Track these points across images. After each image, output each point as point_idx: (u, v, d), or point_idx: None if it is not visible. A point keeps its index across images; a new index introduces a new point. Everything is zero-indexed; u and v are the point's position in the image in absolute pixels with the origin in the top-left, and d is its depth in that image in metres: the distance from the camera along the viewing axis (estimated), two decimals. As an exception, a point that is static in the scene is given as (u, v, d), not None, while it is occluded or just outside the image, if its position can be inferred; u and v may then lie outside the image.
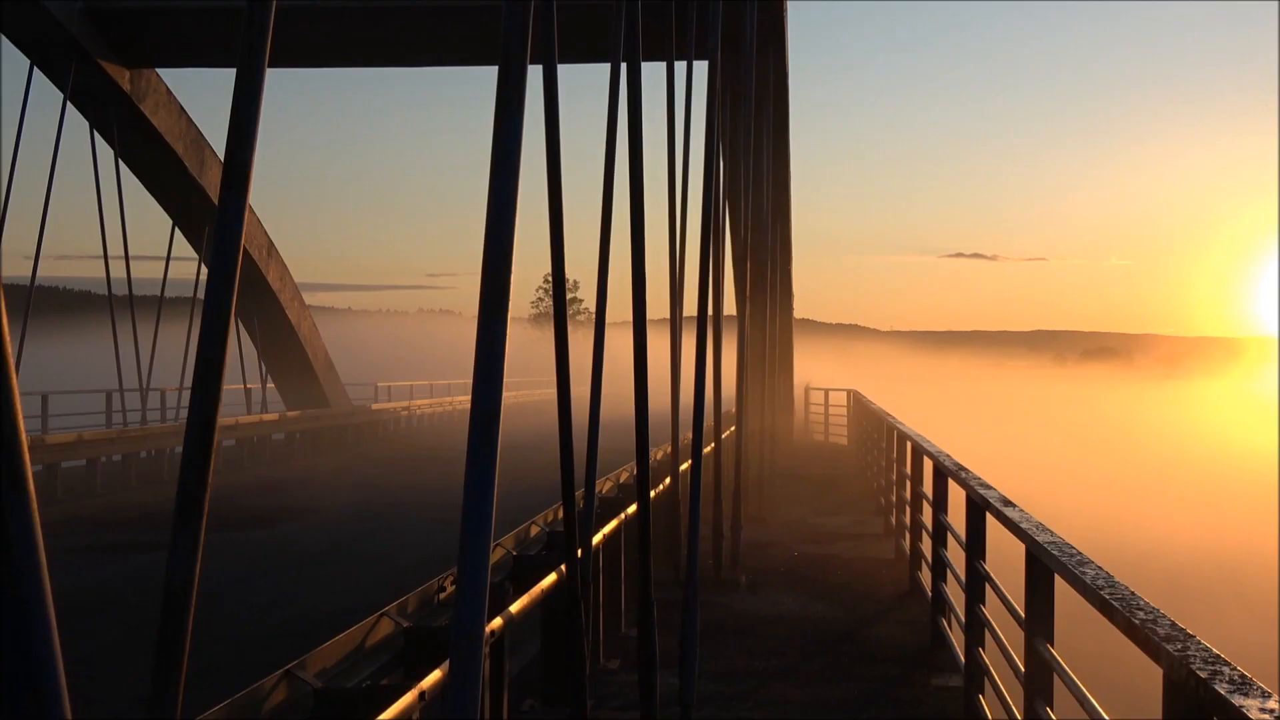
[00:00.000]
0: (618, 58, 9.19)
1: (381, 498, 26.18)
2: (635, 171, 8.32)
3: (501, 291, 4.51)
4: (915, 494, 15.02)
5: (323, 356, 39.71)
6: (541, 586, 8.77)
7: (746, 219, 21.37)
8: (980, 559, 8.96)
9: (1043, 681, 6.48)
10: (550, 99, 6.71)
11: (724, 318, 15.75)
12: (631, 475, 14.52)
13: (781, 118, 31.13)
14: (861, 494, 24.56)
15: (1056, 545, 6.32)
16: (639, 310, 8.28)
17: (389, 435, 44.53)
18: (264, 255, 34.49)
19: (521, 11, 4.73)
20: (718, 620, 12.76)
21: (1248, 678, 3.65)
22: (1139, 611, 4.62)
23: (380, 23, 26.49)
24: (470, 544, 4.24)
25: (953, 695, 9.96)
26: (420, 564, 14.15)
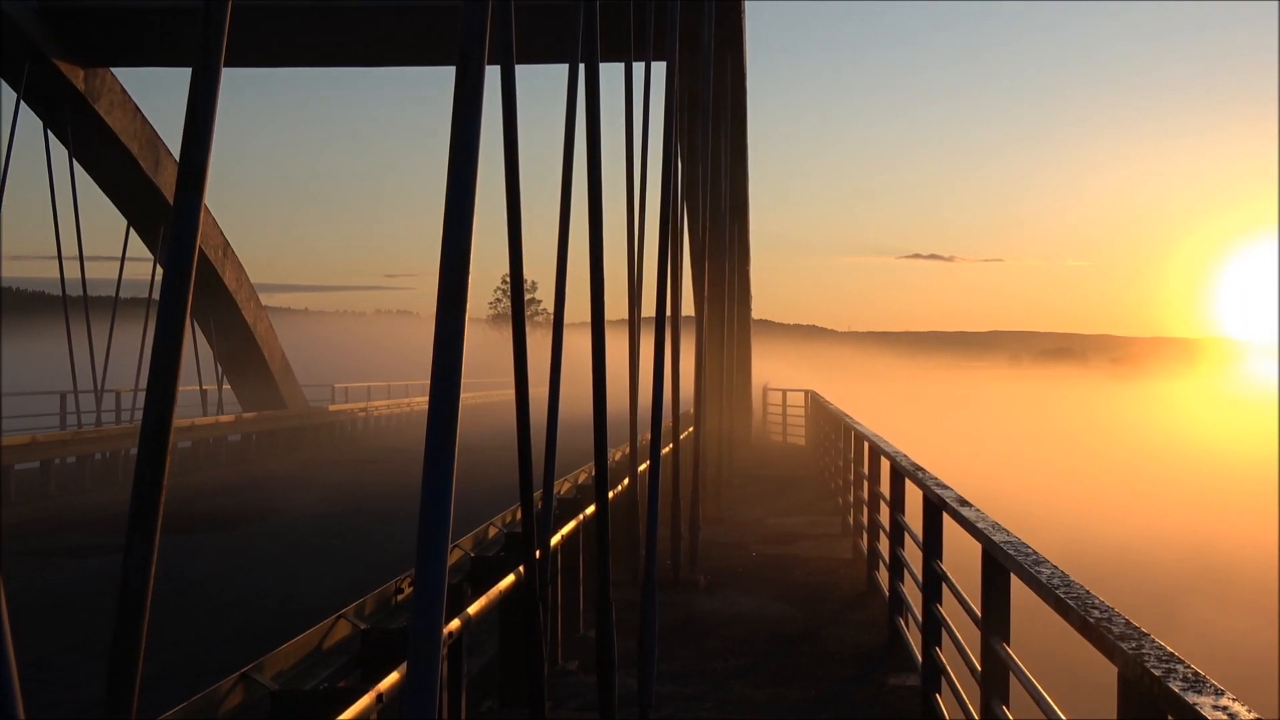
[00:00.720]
0: (576, 58, 9.18)
1: (340, 499, 26.07)
2: (593, 172, 8.32)
3: (459, 292, 4.51)
4: (873, 494, 15.08)
5: (279, 358, 39.50)
6: (500, 588, 8.76)
7: (705, 219, 21.39)
8: (937, 558, 9.00)
9: (999, 680, 6.51)
10: (508, 99, 6.70)
11: (682, 318, 15.77)
12: (590, 476, 14.52)
13: (739, 119, 31.16)
14: (819, 494, 24.63)
15: (1012, 545, 6.35)
16: (597, 311, 8.28)
17: (346, 437, 44.35)
18: (220, 256, 34.28)
19: (479, 12, 4.72)
20: (676, 621, 12.77)
21: (1201, 675, 3.68)
22: (1094, 610, 4.65)
23: (336, 23, 26.38)
24: (428, 545, 4.23)
25: (910, 694, 10.00)
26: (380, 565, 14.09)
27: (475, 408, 56.70)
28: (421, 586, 4.26)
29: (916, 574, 9.84)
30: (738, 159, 32.10)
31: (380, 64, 31.92)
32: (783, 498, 24.38)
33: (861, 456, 17.05)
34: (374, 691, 6.03)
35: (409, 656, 4.20)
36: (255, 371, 38.33)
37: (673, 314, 13.93)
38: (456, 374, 4.43)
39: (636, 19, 13.66)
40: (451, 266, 4.52)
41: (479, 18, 4.74)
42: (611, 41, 10.21)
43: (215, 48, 4.05)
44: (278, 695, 5.83)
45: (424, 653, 4.19)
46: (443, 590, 4.27)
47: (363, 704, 5.86)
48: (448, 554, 4.35)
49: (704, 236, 21.36)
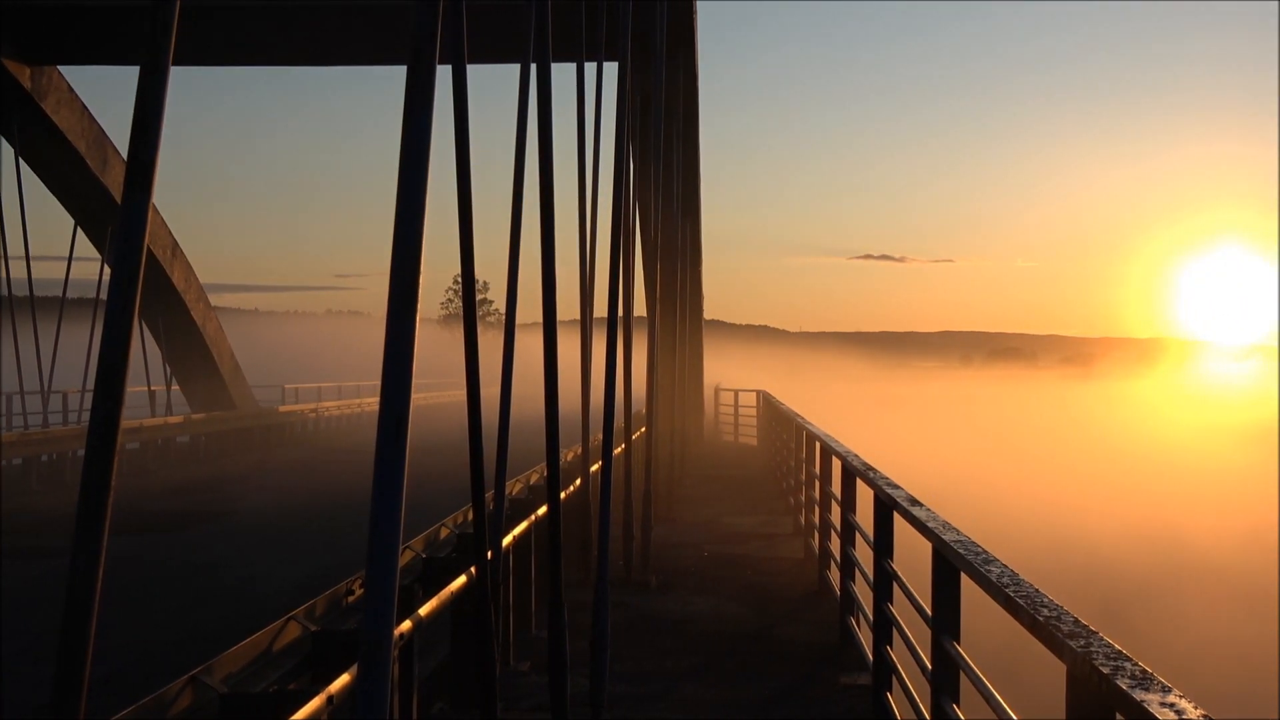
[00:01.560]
0: (527, 59, 9.17)
1: (290, 500, 25.94)
2: (545, 172, 8.31)
3: (410, 292, 4.49)
4: (824, 494, 15.12)
5: (229, 358, 39.26)
6: (451, 589, 8.73)
7: (657, 220, 21.40)
8: (888, 558, 9.03)
9: (949, 678, 6.54)
10: (460, 99, 6.68)
11: (634, 319, 15.76)
12: (542, 477, 14.51)
13: (691, 119, 31.20)
14: (771, 494, 24.69)
15: (962, 544, 6.38)
16: (549, 311, 8.27)
17: (297, 438, 44.14)
18: (168, 255, 34.03)
19: (430, 11, 4.71)
20: (629, 621, 12.77)
21: (1149, 673, 3.71)
22: (1043, 609, 4.68)
23: (286, 21, 26.23)
24: (379, 547, 4.22)
25: (861, 693, 10.04)
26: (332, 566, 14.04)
27: (427, 408, 56.58)
28: (372, 588, 4.25)
29: (867, 573, 9.87)
30: (690, 160, 32.13)
31: (331, 63, 31.79)
32: (735, 497, 24.43)
33: (813, 456, 17.11)
34: (324, 693, 6.00)
35: (360, 658, 4.18)
36: (204, 372, 38.09)
37: (625, 314, 13.92)
38: (407, 374, 4.42)
39: (588, 19, 13.64)
40: (402, 267, 4.51)
41: (430, 17, 4.73)
42: (563, 42, 10.20)
43: (163, 46, 4.02)
44: (227, 698, 5.80)
45: (375, 654, 4.17)
46: (394, 592, 4.26)
47: (313, 706, 5.83)
48: (399, 555, 4.34)
49: (656, 237, 21.38)
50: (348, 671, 6.30)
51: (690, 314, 33.28)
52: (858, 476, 11.22)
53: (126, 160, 4.00)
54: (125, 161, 4.03)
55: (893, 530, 9.05)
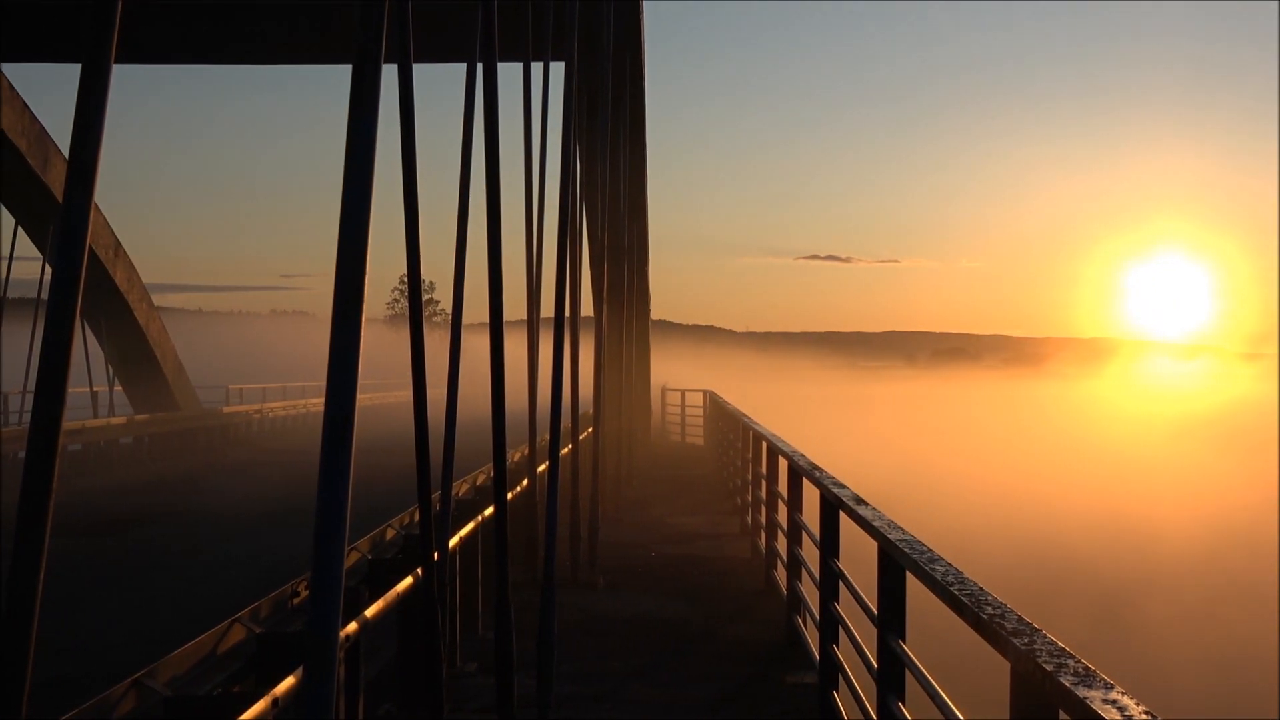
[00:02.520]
0: (474, 58, 9.15)
1: (234, 501, 25.75)
2: (492, 172, 8.30)
3: (356, 292, 4.47)
4: (771, 493, 15.17)
5: (172, 359, 38.94)
6: (397, 590, 8.70)
7: (603, 220, 21.41)
8: (834, 557, 9.06)
9: (895, 677, 6.57)
10: (405, 98, 6.66)
11: (581, 319, 15.77)
12: (488, 477, 14.47)
13: (638, 120, 31.22)
14: (718, 494, 24.74)
15: (908, 543, 6.41)
16: (495, 312, 8.26)
17: (241, 438, 43.83)
18: (111, 255, 33.72)
19: (376, 10, 4.69)
20: (576, 622, 12.76)
21: (1092, 670, 3.75)
22: (987, 607, 4.71)
23: (231, 19, 26.05)
24: (324, 548, 4.20)
25: (807, 692, 10.08)
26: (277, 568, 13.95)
27: (372, 409, 56.28)
28: (317, 589, 4.23)
29: (814, 572, 9.91)
30: (636, 160, 32.15)
31: (275, 62, 31.60)
32: (682, 498, 24.46)
33: (760, 456, 17.15)
34: (269, 696, 5.96)
35: (305, 660, 4.16)
36: (148, 373, 37.75)
37: (572, 315, 13.92)
38: (353, 375, 4.40)
39: (535, 19, 13.63)
40: (348, 267, 4.49)
41: (375, 16, 4.71)
42: (510, 41, 10.20)
43: (105, 44, 3.98)
44: (171, 701, 5.75)
45: (320, 656, 4.15)
46: (339, 593, 4.24)
47: (258, 709, 5.79)
48: (344, 556, 4.32)
49: (603, 237, 21.38)
50: (293, 674, 6.26)
51: (637, 314, 33.30)
52: (804, 476, 11.26)
53: (68, 159, 3.96)
54: (67, 160, 3.99)
55: (839, 529, 9.08)
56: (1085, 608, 27.77)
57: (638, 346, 33.53)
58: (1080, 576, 32.10)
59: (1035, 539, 36.74)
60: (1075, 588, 30.32)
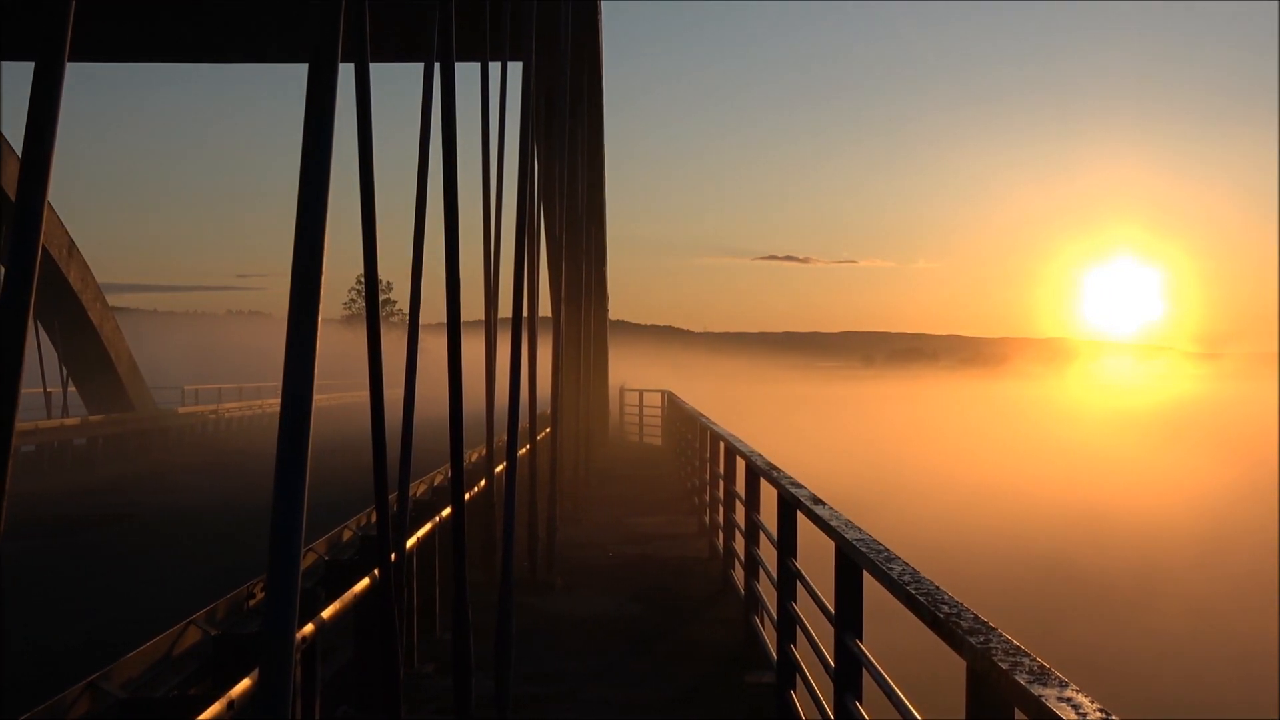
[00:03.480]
0: (431, 58, 9.13)
1: (189, 502, 25.60)
2: (449, 172, 8.28)
3: (312, 292, 4.46)
4: (728, 493, 15.20)
5: (127, 359, 38.64)
6: (354, 591, 8.67)
7: (562, 220, 21.38)
8: (791, 556, 9.09)
9: (852, 676, 6.60)
10: (362, 98, 6.64)
11: (539, 319, 15.74)
12: (446, 478, 14.43)
13: (596, 120, 31.22)
14: (676, 494, 24.76)
15: (865, 542, 6.44)
16: (453, 312, 8.24)
17: (197, 440, 43.57)
18: (65, 255, 33.43)
19: (333, 9, 4.68)
20: (534, 622, 12.75)
21: (1047, 668, 3.77)
22: (943, 606, 4.73)
23: (188, 17, 25.87)
24: (280, 549, 4.18)
25: (765, 692, 10.10)
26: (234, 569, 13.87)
27: (329, 409, 56.08)
28: (274, 591, 4.21)
29: (771, 572, 9.93)
30: (594, 160, 32.14)
31: (231, 60, 31.40)
32: (640, 498, 24.47)
33: (717, 456, 17.18)
34: (225, 698, 5.93)
35: (261, 662, 4.14)
36: (102, 373, 37.44)
37: (529, 315, 13.90)
38: (309, 376, 4.38)
39: (492, 19, 13.60)
40: (305, 267, 4.47)
41: (332, 15, 4.70)
42: (467, 41, 10.16)
43: (60, 41, 3.95)
44: (126, 703, 5.72)
45: (276, 658, 4.14)
46: (295, 594, 4.22)
47: (214, 710, 5.76)
48: (300, 558, 4.30)
49: (561, 237, 21.35)
50: (249, 675, 6.23)
51: (595, 314, 33.29)
52: (761, 476, 11.29)
53: (21, 157, 3.93)
54: (20, 159, 3.96)
55: (796, 529, 9.11)
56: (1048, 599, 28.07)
57: (596, 347, 33.54)
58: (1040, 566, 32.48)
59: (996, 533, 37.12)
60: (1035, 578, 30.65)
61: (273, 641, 4.17)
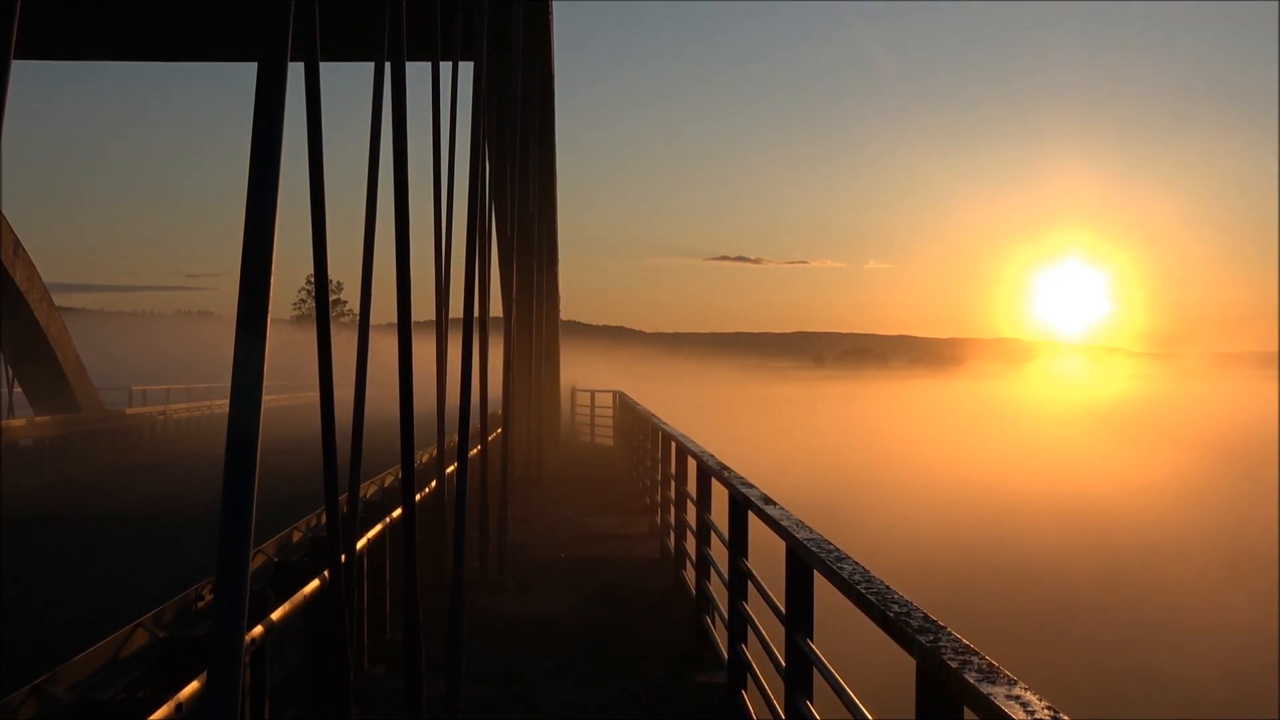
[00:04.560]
0: (382, 57, 9.09)
1: (137, 504, 25.39)
2: (400, 172, 8.25)
3: (262, 292, 4.43)
4: (680, 493, 15.21)
5: (74, 360, 38.29)
6: (304, 593, 8.62)
7: (513, 220, 21.34)
8: (743, 556, 9.10)
9: (803, 675, 6.62)
10: (312, 97, 6.61)
11: (490, 319, 15.71)
12: (396, 479, 14.38)
13: (547, 120, 31.18)
14: (628, 494, 24.76)
15: (815, 542, 6.45)
16: (403, 312, 8.21)
17: (145, 441, 43.23)
18: (10, 254, 33.10)
19: (282, 8, 4.65)
20: (485, 623, 12.73)
21: (996, 666, 3.80)
22: (894, 605, 4.75)
23: (136, 15, 25.68)
24: (229, 551, 4.16)
25: (717, 692, 10.11)
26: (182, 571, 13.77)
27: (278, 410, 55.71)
28: (222, 593, 4.18)
29: (723, 572, 9.95)
30: (546, 160, 32.11)
31: (180, 59, 31.18)
32: (591, 498, 24.45)
33: (669, 456, 17.19)
34: (173, 701, 5.89)
35: (209, 664, 4.12)
36: (48, 374, 37.08)
37: (480, 315, 13.87)
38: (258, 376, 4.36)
39: (444, 18, 13.56)
40: (254, 266, 4.45)
41: (282, 14, 4.67)
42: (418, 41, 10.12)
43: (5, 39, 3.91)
44: (73, 706, 5.67)
45: (225, 660, 4.11)
46: (244, 596, 4.20)
47: (161, 713, 5.72)
48: (249, 560, 4.28)
49: (512, 237, 21.31)
50: (198, 678, 6.19)
51: (547, 315, 33.25)
52: (713, 476, 11.30)
53: (-35, 156, 3.88)
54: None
55: (747, 529, 9.12)
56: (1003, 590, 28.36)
57: (547, 347, 33.50)
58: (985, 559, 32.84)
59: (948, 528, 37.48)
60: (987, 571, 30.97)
61: (221, 644, 4.15)
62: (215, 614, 4.16)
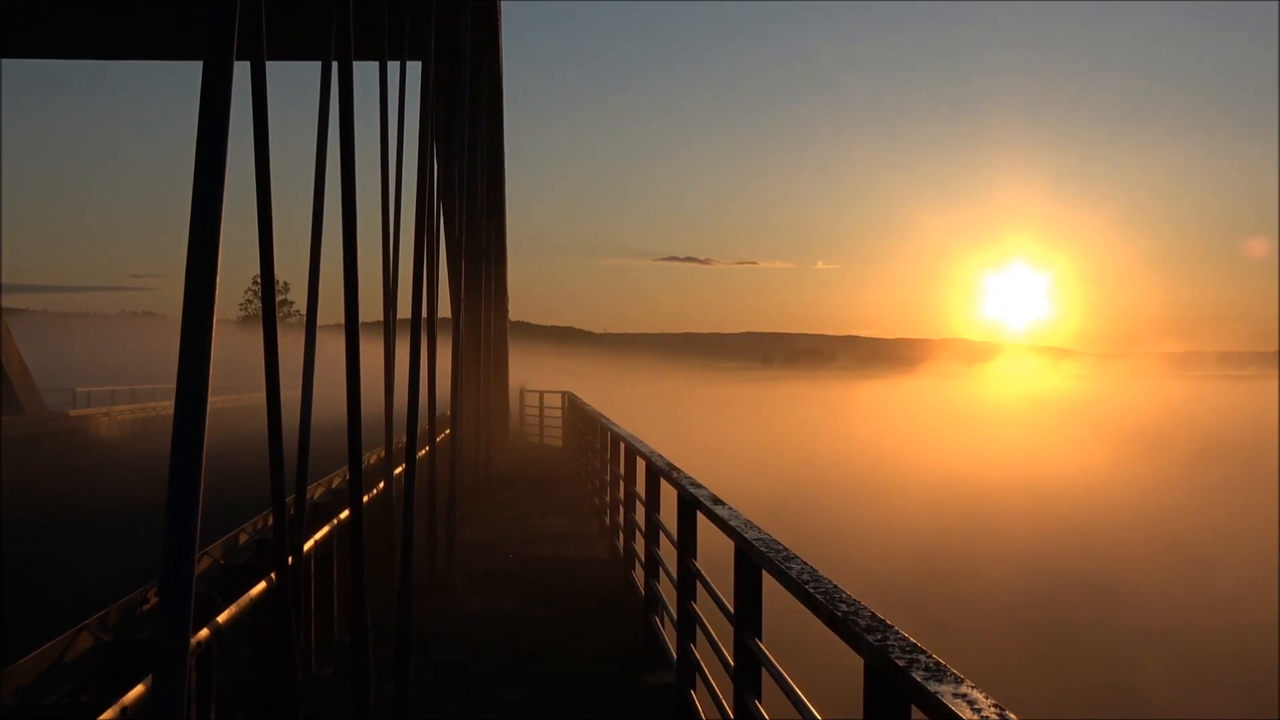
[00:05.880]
0: (329, 57, 9.05)
1: (82, 505, 25.17)
2: (347, 172, 8.21)
3: (208, 292, 4.40)
4: (629, 494, 15.22)
5: (16, 361, 37.92)
6: (251, 595, 8.56)
7: (461, 220, 21.28)
8: (691, 556, 9.11)
9: (751, 675, 6.63)
10: (258, 96, 6.56)
11: (439, 320, 15.66)
12: (344, 480, 14.31)
13: (496, 120, 31.10)
14: (577, 495, 24.75)
15: (764, 542, 6.46)
16: (351, 312, 8.18)
17: (88, 442, 42.85)
18: (-49, 254, 32.74)
19: (228, 6, 4.62)
20: (434, 624, 12.68)
21: (942, 664, 3.82)
22: (841, 604, 4.77)
23: (79, 13, 25.43)
24: (174, 554, 4.12)
25: (665, 691, 10.12)
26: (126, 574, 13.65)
27: (224, 411, 55.37)
28: (168, 595, 4.15)
29: (672, 572, 9.95)
30: (494, 160, 32.04)
31: (124, 57, 30.92)
32: (540, 499, 24.43)
33: (618, 457, 17.19)
34: (118, 705, 5.83)
35: (155, 668, 4.08)
36: (-10, 375, 36.72)
37: (429, 315, 13.82)
38: (204, 377, 4.32)
39: (391, 18, 13.50)
40: (199, 266, 4.42)
41: (228, 13, 4.64)
42: (366, 40, 10.08)
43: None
44: (16, 712, 5.61)
45: (170, 664, 4.08)
46: (189, 599, 4.17)
47: (106, 718, 5.67)
48: (195, 562, 4.25)
49: (460, 238, 21.25)
50: (143, 682, 6.13)
51: (495, 315, 33.17)
52: (661, 476, 11.30)
53: (-95, 155, 3.84)
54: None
55: (696, 529, 9.13)
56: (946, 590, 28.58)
57: (496, 348, 33.42)
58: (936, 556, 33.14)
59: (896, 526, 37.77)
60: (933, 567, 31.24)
61: (167, 647, 4.11)
62: (160, 617, 4.13)
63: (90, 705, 5.83)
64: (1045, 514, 42.89)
